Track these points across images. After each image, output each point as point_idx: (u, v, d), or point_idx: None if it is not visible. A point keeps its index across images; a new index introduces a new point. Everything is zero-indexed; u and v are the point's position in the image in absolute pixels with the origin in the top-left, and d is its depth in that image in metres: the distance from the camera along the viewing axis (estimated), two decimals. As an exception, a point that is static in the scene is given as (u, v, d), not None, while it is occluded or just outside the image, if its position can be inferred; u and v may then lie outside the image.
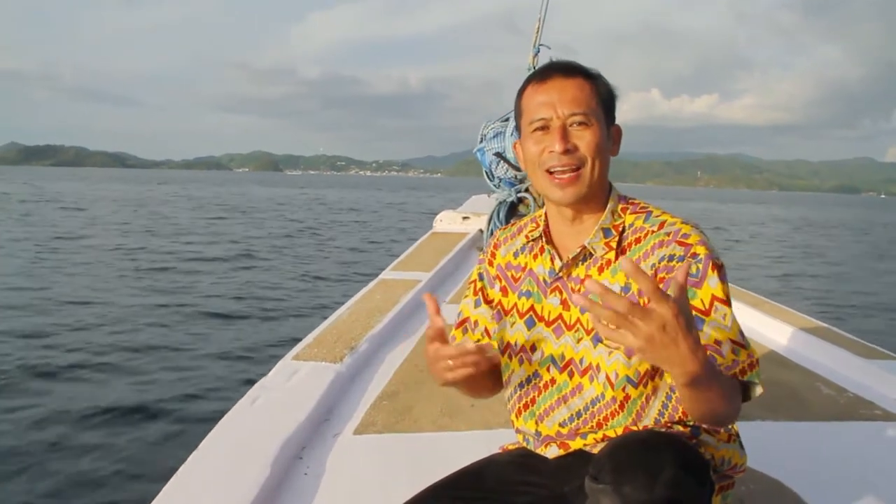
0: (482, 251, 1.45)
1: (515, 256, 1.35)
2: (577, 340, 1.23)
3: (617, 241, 1.22)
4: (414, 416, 2.21)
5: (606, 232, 1.22)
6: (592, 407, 1.22)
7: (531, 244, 1.33)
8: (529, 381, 1.29)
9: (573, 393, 1.24)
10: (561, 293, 1.26)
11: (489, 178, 5.05)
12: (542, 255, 1.30)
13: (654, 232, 1.19)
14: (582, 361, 1.22)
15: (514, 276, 1.34)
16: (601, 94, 1.21)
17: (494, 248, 1.40)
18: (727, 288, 1.14)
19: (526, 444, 1.33)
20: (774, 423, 2.24)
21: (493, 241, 1.42)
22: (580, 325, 1.22)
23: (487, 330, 1.37)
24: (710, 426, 1.19)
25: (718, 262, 1.14)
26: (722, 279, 1.13)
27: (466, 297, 1.42)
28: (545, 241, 1.29)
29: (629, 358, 1.17)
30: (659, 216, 1.22)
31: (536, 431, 1.29)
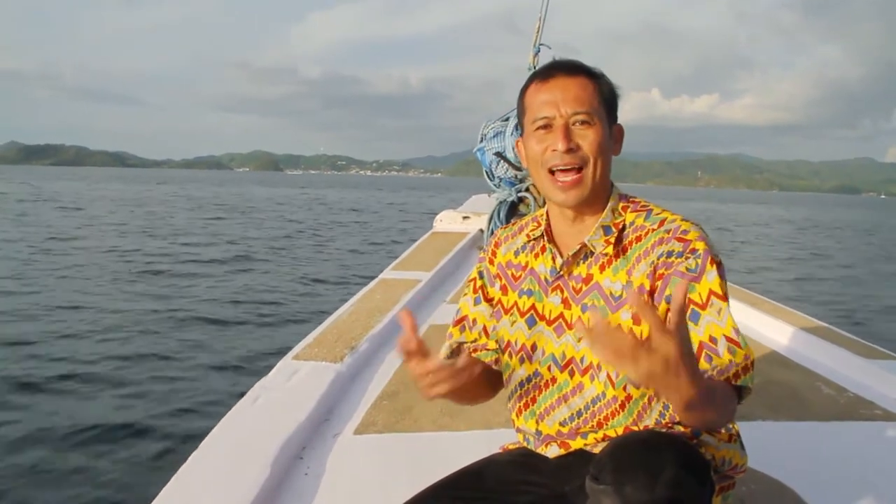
0: (483, 251, 1.45)
1: (516, 255, 1.35)
2: (578, 339, 1.23)
3: (617, 238, 1.22)
4: (414, 415, 2.21)
5: (606, 230, 1.23)
6: (593, 406, 1.22)
7: (532, 243, 1.33)
8: (530, 380, 1.29)
9: (574, 392, 1.24)
10: (562, 292, 1.26)
11: (489, 177, 5.04)
12: (543, 253, 1.30)
13: (654, 230, 1.19)
14: (583, 360, 1.22)
15: (514, 274, 1.34)
16: (604, 93, 1.22)
17: (495, 246, 1.40)
18: (725, 285, 1.14)
19: (526, 443, 1.33)
20: (775, 422, 2.24)
21: (493, 239, 1.42)
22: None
23: (486, 328, 1.37)
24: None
25: (717, 258, 1.15)
26: (720, 275, 1.13)
27: (466, 294, 1.42)
28: (547, 239, 1.29)
29: None
30: (659, 214, 1.22)
31: (537, 431, 1.29)
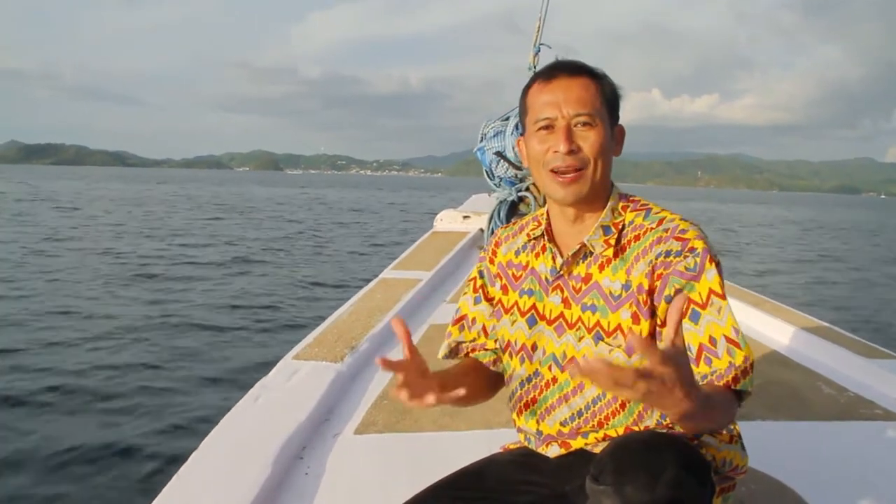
0: (483, 250, 1.45)
1: (517, 255, 1.35)
2: (578, 339, 1.23)
3: (616, 238, 1.22)
4: (414, 415, 2.21)
5: (606, 229, 1.23)
6: (594, 406, 1.22)
7: (533, 242, 1.33)
8: (530, 379, 1.29)
9: (574, 392, 1.24)
10: (562, 291, 1.26)
11: (489, 177, 5.05)
12: (543, 253, 1.30)
13: (652, 229, 1.19)
14: (583, 360, 1.22)
15: (515, 274, 1.34)
16: (606, 94, 1.22)
17: (496, 246, 1.40)
18: (724, 284, 1.14)
19: (527, 443, 1.33)
20: (775, 422, 2.24)
21: (494, 239, 1.42)
22: (581, 323, 1.22)
23: (485, 328, 1.38)
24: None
25: (716, 257, 1.15)
26: (719, 274, 1.14)
27: (466, 294, 1.42)
28: (547, 239, 1.29)
29: (629, 356, 1.17)
30: (658, 213, 1.22)
31: (538, 430, 1.29)
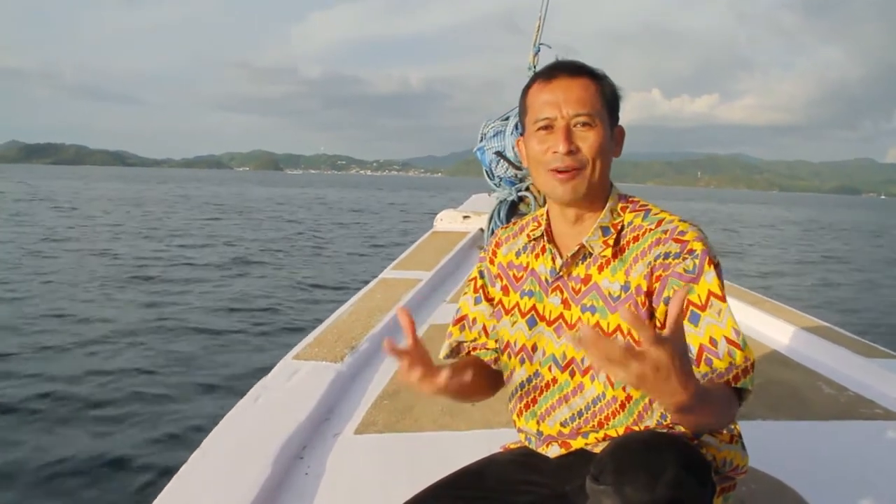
0: (483, 250, 1.45)
1: (517, 256, 1.35)
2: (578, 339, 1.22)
3: (615, 239, 1.22)
4: (415, 415, 2.21)
5: (605, 230, 1.23)
6: (594, 406, 1.22)
7: (533, 243, 1.33)
8: (531, 380, 1.29)
9: (574, 392, 1.24)
10: (562, 292, 1.26)
11: (489, 176, 5.04)
12: (543, 254, 1.30)
13: (651, 230, 1.19)
14: (583, 361, 1.22)
15: (515, 275, 1.34)
16: (606, 94, 1.21)
17: (496, 246, 1.40)
18: (723, 286, 1.14)
19: (527, 443, 1.33)
20: (775, 422, 2.24)
21: (494, 239, 1.42)
22: (581, 324, 1.22)
23: (485, 328, 1.38)
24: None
25: (715, 259, 1.15)
26: (718, 276, 1.14)
27: (466, 294, 1.42)
28: (547, 240, 1.29)
29: None
30: (657, 214, 1.22)
31: (538, 431, 1.29)
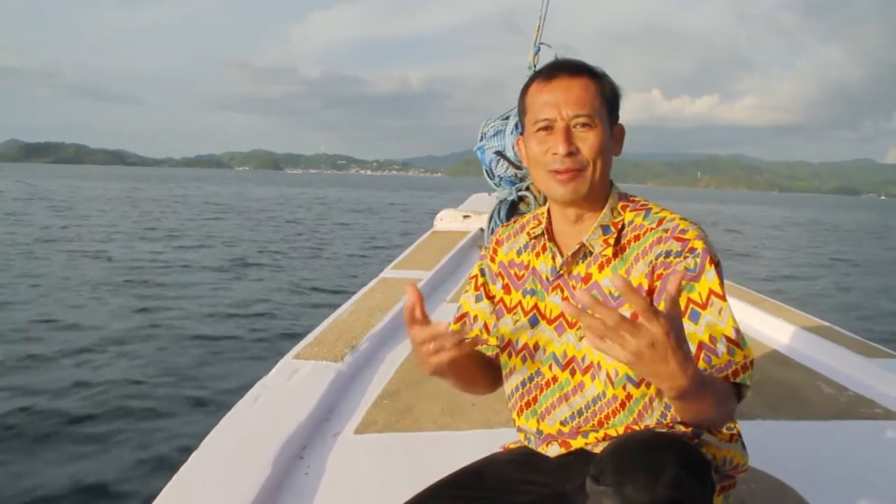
0: (484, 248, 1.45)
1: (518, 254, 1.35)
2: (579, 338, 1.23)
3: (616, 238, 1.22)
4: (415, 415, 2.21)
5: (605, 229, 1.23)
6: (594, 405, 1.22)
7: (533, 242, 1.33)
8: (531, 379, 1.29)
9: (575, 391, 1.24)
10: (562, 291, 1.26)
11: (489, 176, 5.04)
12: (544, 252, 1.30)
13: (652, 229, 1.19)
14: (584, 359, 1.22)
15: (517, 273, 1.34)
16: (606, 94, 1.21)
17: (496, 244, 1.40)
18: (723, 285, 1.15)
19: (527, 442, 1.32)
20: (775, 421, 2.24)
21: (494, 237, 1.42)
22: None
23: (486, 325, 1.38)
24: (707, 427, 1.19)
25: (716, 258, 1.15)
26: (719, 274, 1.14)
27: (467, 291, 1.42)
28: (547, 238, 1.29)
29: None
30: (658, 213, 1.22)
31: (538, 430, 1.29)
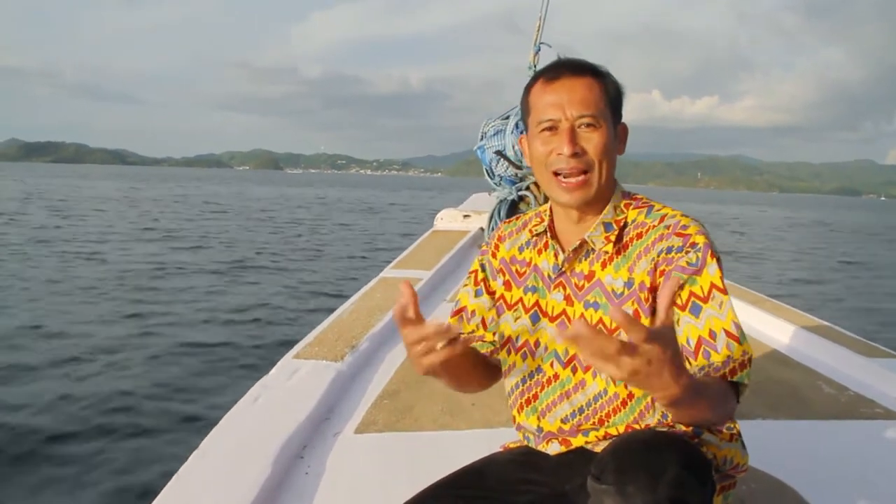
0: (485, 244, 1.44)
1: (520, 251, 1.35)
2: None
3: (618, 235, 1.22)
4: (415, 414, 2.21)
5: (607, 226, 1.23)
6: (595, 403, 1.22)
7: (535, 239, 1.33)
8: (532, 376, 1.29)
9: (576, 388, 1.24)
10: (564, 288, 1.26)
11: (489, 175, 5.04)
12: (546, 250, 1.30)
13: (654, 226, 1.20)
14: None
15: (518, 270, 1.34)
16: (609, 93, 1.21)
17: (498, 240, 1.39)
18: (724, 278, 1.15)
19: (527, 441, 1.32)
20: (775, 421, 2.24)
21: (496, 233, 1.41)
22: (584, 320, 1.22)
23: (484, 320, 1.37)
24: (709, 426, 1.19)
25: (717, 253, 1.16)
26: (720, 269, 1.14)
27: (466, 286, 1.41)
28: (549, 235, 1.29)
29: None
30: (660, 210, 1.23)
31: (538, 427, 1.29)
